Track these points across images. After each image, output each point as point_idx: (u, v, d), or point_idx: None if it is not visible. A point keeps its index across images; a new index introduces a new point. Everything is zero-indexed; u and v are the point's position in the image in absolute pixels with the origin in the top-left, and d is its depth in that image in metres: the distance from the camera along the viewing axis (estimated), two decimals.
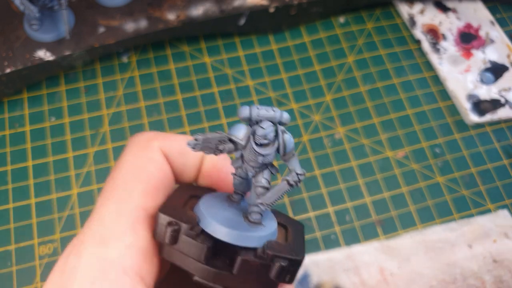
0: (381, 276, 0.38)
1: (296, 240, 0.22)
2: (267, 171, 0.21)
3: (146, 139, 0.23)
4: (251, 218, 0.21)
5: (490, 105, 0.45)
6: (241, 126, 0.20)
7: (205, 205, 0.21)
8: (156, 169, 0.22)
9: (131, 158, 0.22)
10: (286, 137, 0.20)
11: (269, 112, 0.20)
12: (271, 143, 0.20)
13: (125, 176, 0.21)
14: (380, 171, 0.42)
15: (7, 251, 0.37)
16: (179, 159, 0.23)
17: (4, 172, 0.40)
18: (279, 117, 0.20)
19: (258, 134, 0.20)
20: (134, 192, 0.21)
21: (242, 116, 0.20)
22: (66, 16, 0.40)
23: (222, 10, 0.45)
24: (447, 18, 0.51)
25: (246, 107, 0.20)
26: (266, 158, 0.20)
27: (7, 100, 0.44)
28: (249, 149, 0.20)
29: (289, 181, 0.20)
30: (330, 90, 0.46)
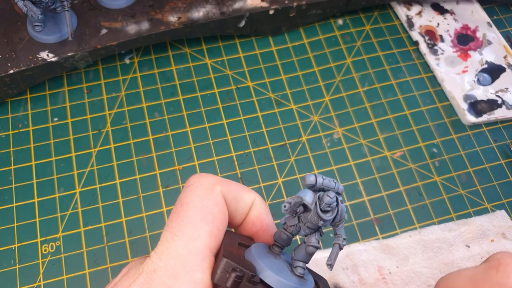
0: (379, 275, 0.38)
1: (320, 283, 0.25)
2: (318, 233, 0.24)
3: (211, 182, 0.24)
4: (297, 272, 0.24)
5: (487, 105, 0.46)
6: (308, 192, 0.23)
7: (259, 256, 0.23)
8: (219, 212, 0.23)
9: (197, 198, 0.24)
10: (342, 206, 0.23)
11: (331, 183, 0.23)
12: (332, 210, 0.23)
13: (194, 215, 0.23)
14: (378, 170, 0.43)
15: (10, 249, 0.38)
16: (233, 205, 0.25)
17: (7, 171, 0.41)
18: (338, 188, 0.23)
19: (325, 202, 0.23)
20: (202, 232, 0.22)
21: (308, 183, 0.23)
22: (69, 18, 0.41)
23: (222, 12, 0.45)
24: (445, 20, 0.51)
25: (312, 175, 0.23)
26: (326, 223, 0.23)
27: (10, 101, 0.44)
28: (313, 213, 0.23)
29: (340, 245, 0.23)
30: (329, 90, 0.47)
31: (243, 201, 0.25)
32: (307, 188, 0.23)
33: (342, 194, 0.24)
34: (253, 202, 0.25)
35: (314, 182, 0.23)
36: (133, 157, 0.42)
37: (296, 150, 0.43)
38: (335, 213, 0.23)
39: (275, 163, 0.43)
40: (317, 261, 0.38)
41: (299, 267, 0.24)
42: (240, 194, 0.25)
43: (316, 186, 0.23)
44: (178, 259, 0.22)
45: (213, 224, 0.23)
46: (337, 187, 0.23)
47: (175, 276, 0.21)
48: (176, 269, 0.21)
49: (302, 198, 0.22)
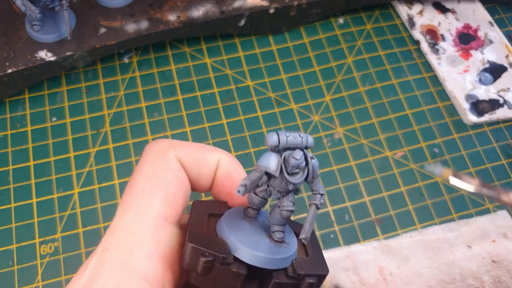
0: (380, 276, 0.38)
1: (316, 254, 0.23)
2: (291, 194, 0.22)
3: (162, 147, 0.23)
4: (275, 237, 0.22)
5: (488, 105, 0.46)
6: (271, 156, 0.20)
7: (231, 229, 0.21)
8: (173, 177, 0.22)
9: (148, 167, 0.22)
10: (314, 162, 0.20)
11: (297, 139, 0.20)
12: (302, 170, 0.20)
13: (144, 185, 0.22)
14: (379, 170, 0.43)
15: (8, 250, 0.38)
16: (194, 168, 0.23)
17: (5, 172, 0.41)
18: (306, 142, 0.20)
19: (292, 165, 0.20)
20: (154, 201, 0.21)
21: (270, 145, 0.20)
22: (68, 17, 0.41)
23: (222, 11, 0.45)
24: (446, 19, 0.51)
25: (274, 134, 0.20)
26: (296, 185, 0.21)
27: (9, 100, 0.44)
28: (280, 178, 0.20)
29: (317, 205, 0.21)
30: (329, 90, 0.47)
31: (207, 162, 0.23)
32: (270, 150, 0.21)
33: (311, 147, 0.21)
34: (218, 161, 0.23)
35: (277, 142, 0.20)
36: (132, 157, 0.42)
37: None
38: (306, 173, 0.21)
39: None
40: None
41: (277, 232, 0.22)
42: (201, 155, 0.23)
43: (280, 146, 0.20)
44: (129, 233, 0.20)
45: (167, 191, 0.21)
46: (304, 142, 0.20)
47: (128, 251, 0.20)
48: (128, 243, 0.20)
49: (263, 169, 0.20)
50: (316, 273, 0.21)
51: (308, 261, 0.22)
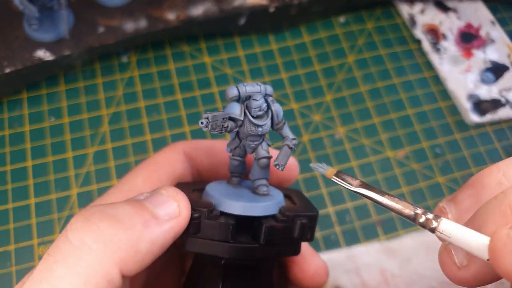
0: (381, 277, 0.38)
1: (303, 201, 0.24)
2: (265, 143, 0.23)
3: (173, 144, 0.26)
4: (260, 191, 0.22)
5: (490, 105, 0.45)
6: (235, 104, 0.22)
7: (214, 191, 0.22)
8: (166, 164, 0.25)
9: (154, 154, 0.25)
10: (276, 106, 0.22)
11: (255, 87, 0.22)
12: (265, 113, 0.22)
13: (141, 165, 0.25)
14: (380, 171, 0.42)
15: (6, 251, 0.37)
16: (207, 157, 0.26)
17: (3, 172, 0.40)
18: (264, 90, 0.22)
19: (253, 107, 0.21)
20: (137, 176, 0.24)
21: (231, 96, 0.21)
22: (66, 16, 0.40)
23: (222, 9, 0.44)
24: (448, 18, 0.50)
25: (233, 87, 0.21)
26: (264, 128, 0.22)
27: (7, 100, 0.44)
28: (247, 123, 0.21)
29: (289, 145, 0.22)
30: (330, 90, 0.46)
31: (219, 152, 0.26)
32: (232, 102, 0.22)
33: (271, 95, 0.22)
34: None
35: (237, 93, 0.21)
36: (131, 158, 0.42)
37: (297, 150, 0.43)
38: (270, 116, 0.22)
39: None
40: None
41: (260, 186, 0.22)
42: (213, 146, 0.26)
43: (241, 97, 0.21)
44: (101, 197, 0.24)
45: (154, 172, 0.24)
46: (263, 89, 0.22)
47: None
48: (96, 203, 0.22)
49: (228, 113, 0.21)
50: (306, 213, 0.22)
51: (296, 207, 0.23)
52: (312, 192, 0.41)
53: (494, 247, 0.14)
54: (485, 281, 0.16)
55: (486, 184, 0.18)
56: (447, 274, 0.17)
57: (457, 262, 0.17)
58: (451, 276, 0.17)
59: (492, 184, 0.18)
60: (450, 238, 0.16)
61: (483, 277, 0.16)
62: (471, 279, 0.16)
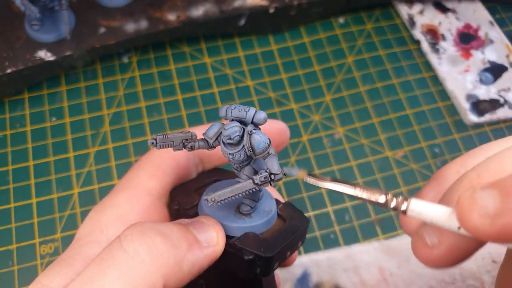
0: (380, 276, 0.38)
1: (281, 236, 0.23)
2: (248, 168, 0.22)
3: None
4: (241, 210, 0.22)
5: (489, 105, 0.46)
6: (215, 125, 0.21)
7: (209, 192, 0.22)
8: (169, 158, 0.25)
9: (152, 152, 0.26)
10: (254, 138, 0.20)
11: (240, 112, 0.20)
12: (237, 143, 0.20)
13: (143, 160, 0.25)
14: (379, 171, 0.43)
15: (8, 250, 0.38)
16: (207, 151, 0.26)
17: (5, 172, 0.41)
18: (251, 117, 0.20)
19: (223, 135, 0.21)
20: (142, 172, 0.25)
21: (220, 115, 0.21)
22: (67, 17, 0.40)
23: (222, 10, 0.45)
24: (447, 19, 0.51)
25: (224, 107, 0.21)
26: (235, 157, 0.21)
27: (8, 100, 0.44)
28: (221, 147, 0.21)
29: (254, 180, 0.20)
30: (329, 90, 0.46)
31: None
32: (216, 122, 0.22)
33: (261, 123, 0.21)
34: None
35: (224, 115, 0.21)
36: (131, 157, 0.42)
37: (297, 150, 0.43)
38: (241, 147, 0.20)
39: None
40: (319, 262, 0.38)
41: (242, 204, 0.23)
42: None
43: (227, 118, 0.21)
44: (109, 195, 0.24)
45: (158, 167, 0.24)
46: (249, 116, 0.20)
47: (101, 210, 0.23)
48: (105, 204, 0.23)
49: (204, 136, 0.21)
50: (254, 251, 0.21)
51: (261, 240, 0.22)
52: (312, 191, 0.41)
53: (461, 207, 0.15)
54: (456, 257, 0.17)
55: (447, 176, 0.19)
56: (420, 256, 0.18)
57: (428, 242, 0.17)
58: (424, 257, 0.18)
59: (452, 174, 0.19)
60: (421, 215, 0.17)
61: (454, 253, 0.17)
62: (443, 256, 0.17)
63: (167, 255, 0.18)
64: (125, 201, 0.23)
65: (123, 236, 0.19)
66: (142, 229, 0.19)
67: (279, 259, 0.22)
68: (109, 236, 0.22)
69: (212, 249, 0.20)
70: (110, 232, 0.22)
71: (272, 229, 0.23)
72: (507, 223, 0.14)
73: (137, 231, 0.19)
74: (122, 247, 0.18)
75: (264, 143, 0.20)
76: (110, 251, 0.18)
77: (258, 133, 0.20)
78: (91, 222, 0.22)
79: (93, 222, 0.22)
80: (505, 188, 0.15)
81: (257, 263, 0.21)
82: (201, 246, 0.20)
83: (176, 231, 0.20)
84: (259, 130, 0.20)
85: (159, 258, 0.18)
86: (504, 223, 0.14)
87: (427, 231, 0.18)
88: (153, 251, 0.18)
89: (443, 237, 0.17)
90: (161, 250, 0.18)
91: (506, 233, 0.14)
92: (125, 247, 0.18)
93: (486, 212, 0.14)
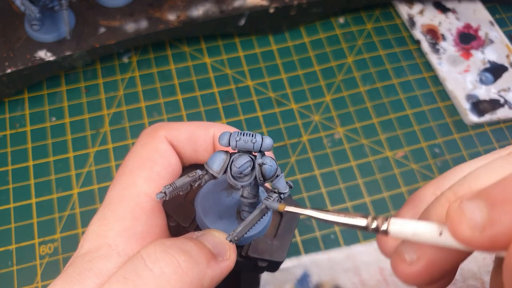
0: (380, 276, 0.38)
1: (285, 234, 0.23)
2: (254, 186, 0.21)
3: (153, 129, 0.25)
4: (243, 216, 0.22)
5: (489, 105, 0.46)
6: (219, 157, 0.20)
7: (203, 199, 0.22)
8: (160, 157, 0.24)
9: (137, 148, 0.24)
10: (265, 168, 0.20)
11: (247, 144, 0.20)
12: (249, 175, 0.20)
13: (132, 163, 0.23)
14: (379, 171, 0.43)
15: (7, 250, 0.37)
16: (188, 146, 0.25)
17: (5, 172, 0.40)
18: (259, 147, 0.20)
19: (233, 172, 0.20)
20: (138, 178, 0.23)
21: (221, 144, 0.20)
22: (67, 17, 0.40)
23: (222, 10, 0.45)
24: (447, 19, 0.51)
25: (226, 135, 0.20)
26: (245, 184, 0.21)
27: (8, 100, 0.44)
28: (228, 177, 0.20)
29: (267, 205, 0.20)
30: (329, 90, 0.46)
31: (200, 139, 0.25)
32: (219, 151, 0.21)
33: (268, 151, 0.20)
34: (213, 136, 0.25)
35: (227, 145, 0.20)
36: None
37: (297, 150, 0.43)
38: (252, 177, 0.20)
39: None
40: (319, 262, 0.38)
41: (244, 212, 0.22)
42: (192, 133, 0.25)
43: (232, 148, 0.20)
44: (110, 207, 0.22)
45: (152, 169, 0.23)
46: (257, 147, 0.20)
47: (105, 224, 0.22)
48: (107, 217, 0.22)
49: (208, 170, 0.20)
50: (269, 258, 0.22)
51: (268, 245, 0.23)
52: (312, 191, 0.41)
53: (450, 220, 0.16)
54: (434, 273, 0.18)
55: (423, 197, 0.20)
56: (399, 273, 0.18)
57: (407, 259, 0.18)
58: (403, 274, 0.18)
59: (428, 196, 0.20)
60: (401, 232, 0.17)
61: (432, 268, 0.18)
62: (422, 271, 0.18)
63: (191, 273, 0.19)
64: (129, 212, 0.22)
65: (145, 255, 0.19)
66: (165, 248, 0.19)
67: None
68: (119, 251, 0.21)
69: (227, 263, 0.21)
70: (120, 247, 0.21)
71: (272, 226, 0.24)
72: (496, 233, 0.14)
73: (161, 250, 0.19)
74: (147, 266, 0.18)
75: (274, 170, 0.20)
76: (135, 269, 0.18)
77: (268, 162, 0.20)
78: (96, 237, 0.22)
79: (99, 236, 0.21)
80: (490, 198, 0.15)
81: (269, 267, 0.22)
82: (217, 261, 0.20)
83: (195, 248, 0.20)
84: (267, 158, 0.20)
85: (185, 277, 0.18)
86: (493, 233, 0.15)
87: (406, 248, 0.18)
88: (178, 270, 0.18)
89: (422, 252, 0.18)
90: (185, 268, 0.19)
91: (496, 242, 0.15)
92: (150, 266, 0.18)
93: (474, 224, 0.15)
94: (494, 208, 0.15)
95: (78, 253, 0.21)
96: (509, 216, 0.14)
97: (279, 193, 0.20)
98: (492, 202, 0.15)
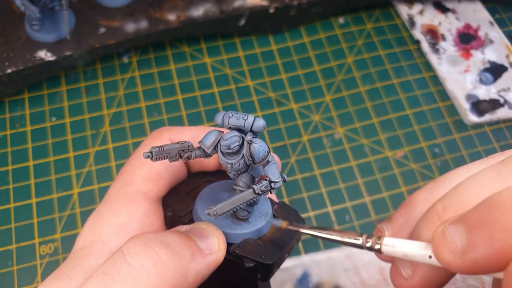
0: (380, 276, 0.38)
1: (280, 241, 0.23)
2: (246, 174, 0.21)
3: (158, 131, 0.25)
4: (238, 215, 0.22)
5: (489, 105, 0.46)
6: (212, 134, 0.21)
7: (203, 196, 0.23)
8: None
9: (142, 148, 0.25)
10: (253, 147, 0.20)
11: (239, 121, 0.20)
12: (238, 151, 0.20)
13: (134, 163, 0.24)
14: (379, 171, 0.43)
15: (8, 250, 0.38)
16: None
17: (5, 172, 0.41)
18: (250, 125, 0.20)
19: (222, 145, 0.20)
20: (136, 176, 0.23)
21: (216, 123, 0.20)
22: (67, 17, 0.40)
23: (222, 10, 0.45)
24: (447, 19, 0.51)
25: (221, 114, 0.20)
26: (234, 166, 0.21)
27: (8, 100, 0.44)
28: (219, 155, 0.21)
29: (255, 189, 0.20)
30: (329, 90, 0.46)
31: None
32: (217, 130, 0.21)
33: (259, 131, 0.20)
34: None
35: (219, 121, 0.20)
36: None
37: (297, 150, 0.43)
38: (241, 156, 0.20)
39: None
40: (319, 262, 0.38)
41: (240, 210, 0.22)
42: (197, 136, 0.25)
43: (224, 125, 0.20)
44: (106, 203, 0.23)
45: (151, 169, 0.23)
46: (248, 124, 0.20)
47: (100, 220, 0.22)
48: (103, 213, 0.22)
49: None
50: (256, 258, 0.21)
51: (260, 246, 0.22)
52: (312, 191, 0.41)
53: (434, 244, 0.16)
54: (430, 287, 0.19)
55: (415, 202, 0.20)
56: (397, 286, 0.19)
57: (404, 274, 0.19)
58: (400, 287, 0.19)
59: (420, 201, 0.20)
60: (394, 252, 0.18)
61: (427, 284, 0.18)
62: (418, 286, 0.18)
63: (172, 266, 0.18)
64: (124, 209, 0.22)
65: (125, 249, 0.18)
66: (146, 241, 0.19)
67: (279, 263, 0.22)
68: (111, 247, 0.21)
69: (215, 256, 0.20)
70: (112, 243, 0.21)
71: (270, 232, 0.23)
72: (475, 258, 0.15)
73: (141, 243, 0.19)
74: (126, 261, 0.18)
75: (263, 152, 0.20)
76: (114, 264, 0.18)
77: (258, 142, 0.20)
78: (91, 233, 0.22)
79: (93, 233, 0.22)
80: (469, 223, 0.15)
81: (258, 270, 0.21)
82: (204, 254, 0.20)
83: (178, 240, 0.19)
84: (258, 139, 0.20)
85: (165, 270, 0.18)
86: (472, 258, 0.15)
87: (402, 263, 0.19)
88: (158, 263, 0.18)
89: (416, 269, 0.18)
90: (166, 261, 0.18)
91: (476, 266, 0.15)
92: (129, 261, 0.18)
93: (455, 248, 0.15)
94: (471, 231, 0.15)
95: (74, 249, 0.22)
96: (485, 239, 0.14)
97: (269, 181, 0.20)
98: (470, 225, 0.15)
